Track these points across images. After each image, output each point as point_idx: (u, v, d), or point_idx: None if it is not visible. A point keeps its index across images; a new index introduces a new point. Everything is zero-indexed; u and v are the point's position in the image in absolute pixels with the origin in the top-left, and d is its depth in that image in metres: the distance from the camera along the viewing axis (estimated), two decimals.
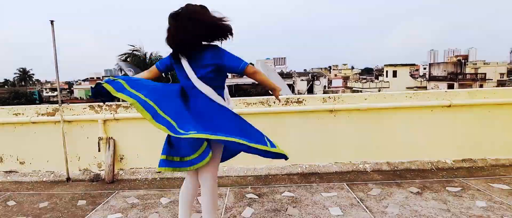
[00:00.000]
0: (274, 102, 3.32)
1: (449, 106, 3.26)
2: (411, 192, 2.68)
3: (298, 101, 3.32)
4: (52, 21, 3.17)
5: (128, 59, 17.43)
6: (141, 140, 3.39)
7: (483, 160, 3.33)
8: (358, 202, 2.54)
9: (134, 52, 18.01)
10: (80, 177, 3.42)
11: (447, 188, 2.75)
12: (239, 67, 1.73)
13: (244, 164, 3.32)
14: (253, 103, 3.31)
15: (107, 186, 3.18)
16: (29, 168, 3.50)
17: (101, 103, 3.41)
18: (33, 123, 3.41)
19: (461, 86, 27.54)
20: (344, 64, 65.89)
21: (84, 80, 57.00)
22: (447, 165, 3.31)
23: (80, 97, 40.43)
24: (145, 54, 18.00)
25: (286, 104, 3.33)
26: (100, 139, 3.31)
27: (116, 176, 3.37)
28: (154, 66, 1.92)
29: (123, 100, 3.98)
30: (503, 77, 38.03)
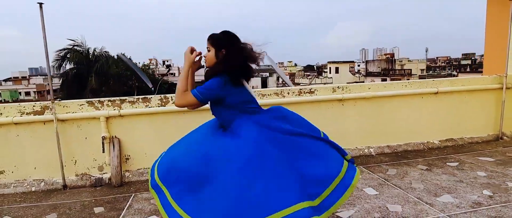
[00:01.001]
0: (288, 93, 3.38)
1: (437, 93, 3.72)
2: (422, 169, 3.01)
3: (310, 92, 3.43)
4: (41, 4, 2.73)
5: (68, 55, 15.57)
6: (149, 136, 3.14)
7: (462, 139, 3.89)
8: (384, 181, 2.76)
9: (75, 47, 16.16)
10: (78, 183, 3.02)
11: (447, 163, 3.15)
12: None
13: None
14: (268, 95, 3.32)
15: (118, 190, 2.87)
16: (11, 178, 2.97)
17: (103, 99, 3.05)
18: (16, 123, 2.89)
19: (392, 80, 31.14)
20: (289, 62, 68.75)
21: (5, 80, 49.09)
22: (435, 145, 3.77)
23: (4, 99, 34.69)
24: (88, 50, 16.28)
25: (299, 95, 3.42)
26: (103, 138, 2.97)
27: (123, 178, 3.07)
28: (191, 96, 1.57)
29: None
30: (423, 72, 44.03)
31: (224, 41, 1.61)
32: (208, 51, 1.64)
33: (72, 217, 2.38)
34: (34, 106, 2.93)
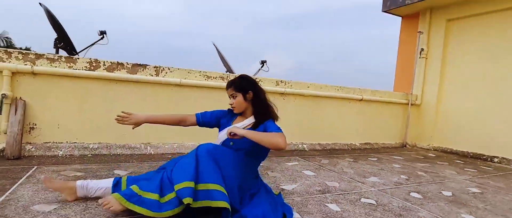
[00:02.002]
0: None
1: (361, 100, 4.18)
2: (349, 161, 3.26)
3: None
4: None
5: None
6: (68, 104, 2.64)
7: (377, 144, 4.40)
8: (320, 166, 2.88)
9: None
10: None
11: (368, 159, 3.49)
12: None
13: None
14: (214, 77, 3.20)
15: (13, 162, 2.27)
16: None
17: (11, 49, 2.46)
18: None
19: None
20: None
21: None
22: (357, 147, 4.17)
23: None
24: (6, 47, 13.31)
25: None
26: (4, 96, 2.36)
27: (22, 151, 2.45)
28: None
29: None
30: None
31: (247, 85, 1.72)
32: (234, 97, 1.71)
33: None
34: None
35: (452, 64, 4.43)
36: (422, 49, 4.59)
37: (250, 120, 1.76)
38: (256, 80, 3.43)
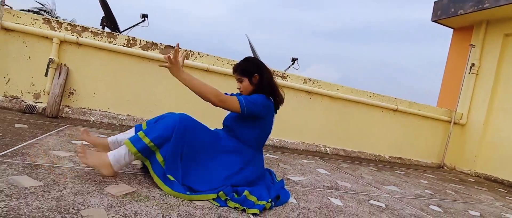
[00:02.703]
0: None
1: (396, 110, 3.92)
2: (372, 169, 3.07)
3: (283, 76, 3.42)
4: None
5: None
6: (104, 76, 2.87)
7: (409, 160, 4.08)
8: (337, 168, 2.75)
9: (42, 12, 14.95)
10: (4, 104, 2.62)
11: (395, 171, 3.25)
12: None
13: None
14: None
15: (50, 120, 2.52)
16: None
17: (62, 20, 2.76)
18: None
19: None
20: None
21: None
22: (385, 159, 3.90)
23: None
24: (57, 18, 15.17)
25: None
26: (51, 61, 2.64)
27: (60, 112, 2.72)
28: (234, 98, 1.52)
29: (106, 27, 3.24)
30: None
31: (253, 67, 1.66)
32: (241, 82, 1.65)
33: None
34: None
35: (506, 83, 3.97)
36: (473, 64, 4.18)
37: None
38: (283, 75, 3.42)
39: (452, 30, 4.66)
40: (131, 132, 1.65)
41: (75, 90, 2.82)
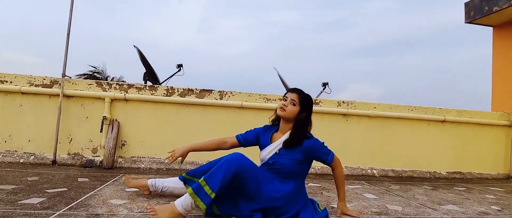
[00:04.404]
0: None
1: (443, 121, 3.66)
2: (427, 188, 2.84)
3: (315, 102, 3.44)
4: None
5: None
6: (150, 125, 3.13)
7: (470, 173, 3.70)
8: (386, 191, 2.60)
9: (95, 74, 16.95)
10: (68, 162, 2.95)
11: (454, 188, 2.97)
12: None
13: None
14: (273, 99, 3.34)
15: (107, 171, 2.78)
16: (2, 147, 2.93)
17: (111, 81, 3.13)
18: (23, 93, 2.96)
19: None
20: None
21: None
22: (442, 175, 3.59)
23: None
24: (106, 78, 17.01)
25: None
26: (104, 118, 2.97)
27: (115, 163, 2.99)
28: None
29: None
30: None
31: (309, 106, 1.75)
32: (293, 105, 1.70)
33: (54, 182, 2.29)
34: (44, 79, 3.02)
35: None
36: None
37: (286, 136, 1.74)
38: (315, 101, 3.43)
39: (491, 28, 4.37)
40: (170, 180, 1.96)
41: (126, 142, 3.10)
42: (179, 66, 3.67)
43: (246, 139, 1.91)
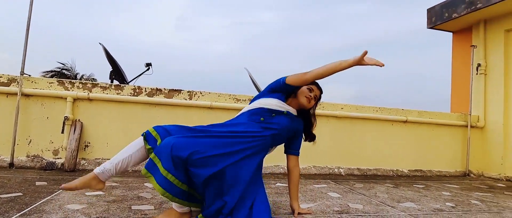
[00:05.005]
0: None
1: (406, 122, 3.85)
2: (389, 186, 2.98)
3: None
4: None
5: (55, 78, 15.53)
6: (115, 125, 3.03)
7: (429, 171, 3.92)
8: (350, 190, 2.69)
9: (64, 71, 16.17)
10: (27, 164, 2.80)
11: (414, 185, 3.13)
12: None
13: None
14: (243, 100, 3.35)
15: (68, 174, 2.67)
16: None
17: (74, 80, 3.00)
18: None
19: None
20: None
21: None
22: (404, 173, 3.77)
23: None
24: (76, 75, 16.28)
25: None
26: (66, 118, 2.85)
27: (77, 165, 2.87)
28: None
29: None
30: None
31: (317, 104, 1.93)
32: (314, 99, 1.83)
33: (9, 186, 2.16)
34: (0, 77, 2.84)
35: None
36: (479, 64, 4.10)
37: (293, 111, 1.82)
38: None
39: (451, 34, 4.64)
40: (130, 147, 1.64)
41: (89, 143, 2.99)
42: (148, 65, 3.58)
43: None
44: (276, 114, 1.73)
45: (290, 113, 1.78)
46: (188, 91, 3.19)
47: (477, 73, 4.14)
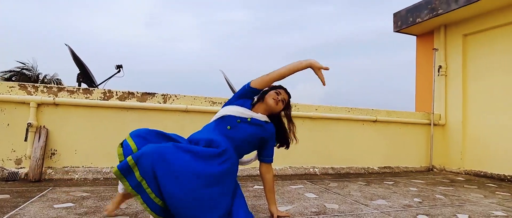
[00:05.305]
0: None
1: (375, 121, 4.04)
2: (361, 184, 3.11)
3: None
4: None
5: (13, 79, 14.36)
6: (84, 131, 2.89)
7: (398, 167, 4.14)
8: (325, 189, 2.78)
9: (24, 71, 15.02)
10: None
11: (384, 182, 3.30)
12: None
13: None
14: (219, 103, 3.33)
15: (33, 184, 2.50)
16: None
17: (37, 84, 2.81)
18: None
19: None
20: None
21: None
22: (375, 170, 3.96)
23: None
24: (38, 76, 15.21)
25: None
26: (29, 125, 2.66)
27: (43, 175, 2.70)
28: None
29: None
30: None
31: (288, 106, 1.92)
32: (282, 102, 1.83)
33: None
34: None
35: (475, 80, 4.17)
36: (440, 67, 4.39)
37: (264, 117, 1.79)
38: None
39: (415, 37, 4.93)
40: None
41: (56, 151, 2.82)
42: (119, 67, 3.44)
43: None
44: (241, 121, 1.72)
45: (255, 120, 1.74)
46: (162, 95, 3.11)
47: (438, 75, 4.43)
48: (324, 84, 1.83)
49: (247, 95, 1.83)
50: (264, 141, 1.81)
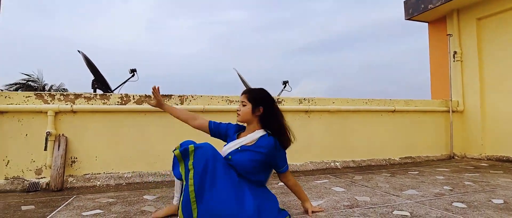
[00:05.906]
0: None
1: (394, 111, 3.96)
2: (386, 176, 3.04)
3: (278, 101, 3.45)
4: None
5: (20, 91, 14.50)
6: (104, 137, 2.85)
7: (418, 157, 4.06)
8: (351, 182, 2.71)
9: (30, 82, 15.14)
10: (7, 187, 2.56)
11: (409, 172, 3.22)
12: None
13: None
14: (236, 101, 3.28)
15: (56, 194, 2.46)
16: None
17: (53, 92, 2.78)
18: None
19: None
20: None
21: None
22: (396, 161, 3.88)
23: None
24: (43, 86, 15.31)
25: None
26: (48, 134, 2.63)
27: (65, 183, 2.66)
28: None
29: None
30: None
31: (261, 99, 1.71)
32: (244, 105, 1.70)
33: None
34: None
35: (491, 64, 4.07)
36: (455, 52, 4.30)
37: (255, 134, 1.70)
38: (278, 100, 3.45)
39: (427, 24, 4.84)
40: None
41: (76, 158, 2.79)
42: (133, 71, 3.40)
43: (218, 128, 1.85)
44: (231, 156, 1.67)
45: (245, 147, 1.67)
46: (179, 96, 3.06)
47: (454, 61, 4.34)
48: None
49: (221, 136, 1.86)
50: (268, 157, 1.68)
